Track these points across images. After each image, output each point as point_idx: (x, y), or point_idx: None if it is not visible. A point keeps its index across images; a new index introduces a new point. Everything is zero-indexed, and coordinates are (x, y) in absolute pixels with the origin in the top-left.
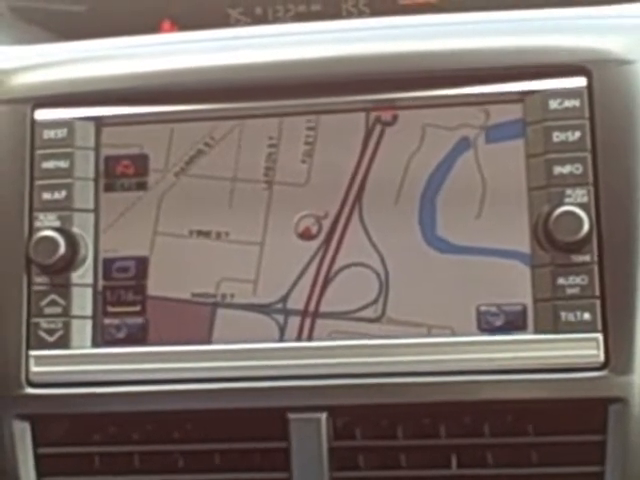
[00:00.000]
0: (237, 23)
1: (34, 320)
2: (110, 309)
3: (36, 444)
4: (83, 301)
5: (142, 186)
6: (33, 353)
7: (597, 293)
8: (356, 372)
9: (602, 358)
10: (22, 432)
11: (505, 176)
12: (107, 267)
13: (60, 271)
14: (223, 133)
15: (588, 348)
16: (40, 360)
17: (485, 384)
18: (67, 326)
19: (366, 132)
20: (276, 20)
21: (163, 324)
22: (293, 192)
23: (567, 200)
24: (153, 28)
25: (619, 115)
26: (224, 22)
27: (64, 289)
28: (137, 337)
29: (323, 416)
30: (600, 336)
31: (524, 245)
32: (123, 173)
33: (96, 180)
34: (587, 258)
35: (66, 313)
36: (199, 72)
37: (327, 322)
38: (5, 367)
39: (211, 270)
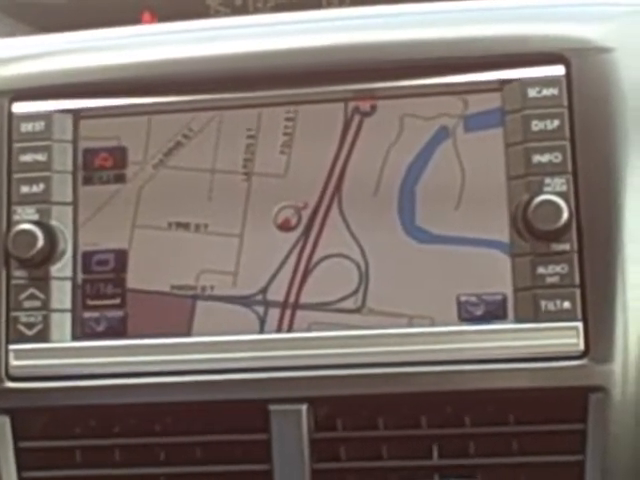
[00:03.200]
0: (217, 14)
1: (13, 314)
2: (90, 302)
3: (16, 438)
4: (62, 294)
5: (120, 179)
6: (12, 347)
7: (577, 282)
8: (336, 363)
9: (582, 347)
10: (2, 426)
11: (484, 165)
12: (86, 260)
13: (39, 265)
14: (201, 124)
15: (568, 337)
16: (20, 354)
17: (466, 374)
18: (46, 320)
19: (345, 122)
20: (256, 11)
21: (143, 317)
22: (272, 183)
23: (546, 189)
24: (133, 20)
25: (598, 103)
26: (204, 13)
27: (43, 283)
28: (117, 330)
29: (304, 407)
30: (580, 325)
31: (504, 234)
32: (101, 166)
33: (74, 173)
34: (567, 247)
35: (45, 307)
36: (177, 63)
37: (307, 313)
38: None
39: (190, 262)
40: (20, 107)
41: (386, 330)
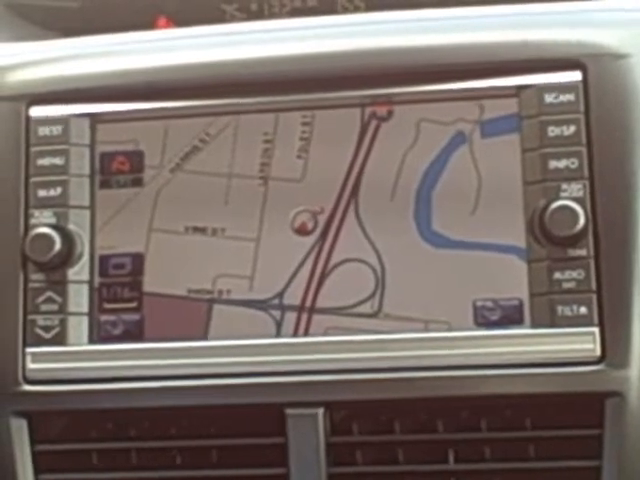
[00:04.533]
0: (232, 19)
1: (30, 317)
2: (106, 306)
3: (33, 441)
4: (79, 298)
5: (138, 182)
6: (30, 350)
7: (593, 287)
8: (353, 367)
9: (598, 352)
10: (19, 429)
11: (501, 170)
12: (103, 264)
13: (56, 268)
14: (218, 129)
15: (584, 342)
16: (37, 357)
17: (482, 379)
18: (63, 323)
19: (361, 127)
20: (272, 16)
21: (159, 320)
22: (289, 188)
23: (563, 194)
24: (149, 24)
25: (614, 109)
26: (219, 18)
27: (60, 286)
28: (133, 333)
29: (320, 411)
30: (596, 330)
31: (520, 240)
32: (118, 170)
33: (91, 177)
34: (583, 252)
35: (62, 310)
36: (194, 68)
37: (324, 317)
38: (2, 364)
39: (207, 266)
40: (37, 111)
41: (402, 335)
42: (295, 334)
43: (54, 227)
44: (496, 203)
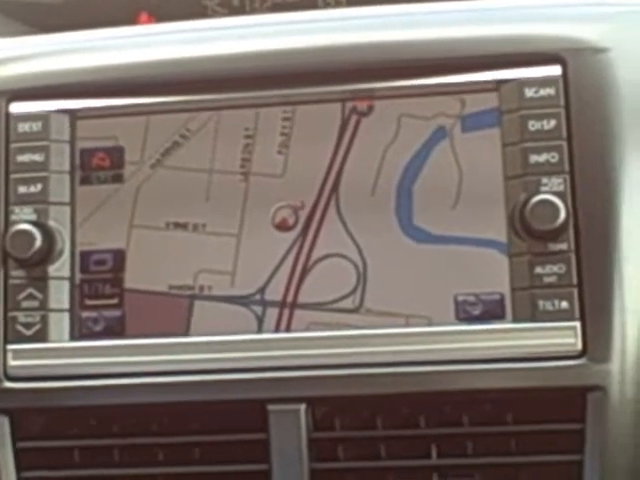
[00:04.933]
0: (214, 14)
1: (11, 314)
2: (88, 302)
3: (15, 438)
4: (60, 294)
5: (118, 179)
6: (11, 347)
7: (574, 281)
8: (335, 363)
9: (580, 346)
10: (1, 426)
11: (481, 165)
12: (84, 260)
13: (37, 264)
14: (199, 124)
15: (566, 336)
16: (18, 354)
17: (464, 373)
18: (44, 319)
19: (342, 122)
20: (253, 11)
21: (141, 317)
22: (270, 183)
23: (543, 189)
24: (130, 20)
25: (594, 103)
26: (201, 13)
27: (41, 282)
28: (115, 330)
29: (302, 407)
30: (578, 324)
31: (501, 234)
32: (99, 166)
33: (72, 173)
34: (564, 246)
35: (43, 306)
36: (175, 64)
37: (305, 313)
38: None
39: (188, 262)
40: (17, 107)
41: (384, 330)
42: (277, 330)
43: (34, 224)
44: (477, 198)
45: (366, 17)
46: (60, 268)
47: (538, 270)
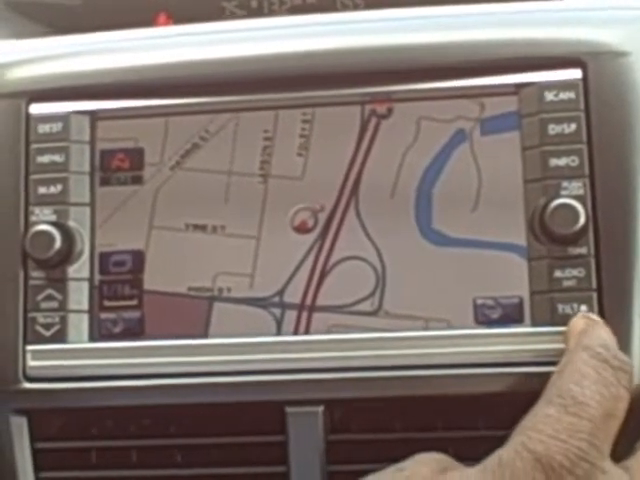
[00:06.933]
0: (232, 16)
1: (31, 315)
2: (107, 303)
3: (33, 439)
4: (79, 295)
5: (138, 180)
6: (30, 348)
7: (594, 285)
8: (353, 365)
9: None
10: (19, 427)
11: (501, 168)
12: (103, 261)
13: (56, 265)
14: (218, 126)
15: None
16: (37, 355)
17: (482, 377)
18: (64, 320)
19: (361, 125)
20: (271, 13)
21: (160, 318)
22: (289, 185)
23: (563, 192)
24: (148, 22)
25: (614, 107)
26: (219, 15)
27: (60, 283)
28: (134, 331)
29: (320, 409)
30: None
31: (520, 238)
32: (118, 167)
33: (92, 174)
34: (584, 250)
35: (63, 307)
36: (194, 65)
37: (324, 315)
38: (2, 362)
39: (207, 264)
40: (37, 108)
41: (402, 333)
42: (295, 332)
43: (54, 224)
44: (496, 201)
45: (385, 20)
46: (79, 269)
47: (557, 274)
